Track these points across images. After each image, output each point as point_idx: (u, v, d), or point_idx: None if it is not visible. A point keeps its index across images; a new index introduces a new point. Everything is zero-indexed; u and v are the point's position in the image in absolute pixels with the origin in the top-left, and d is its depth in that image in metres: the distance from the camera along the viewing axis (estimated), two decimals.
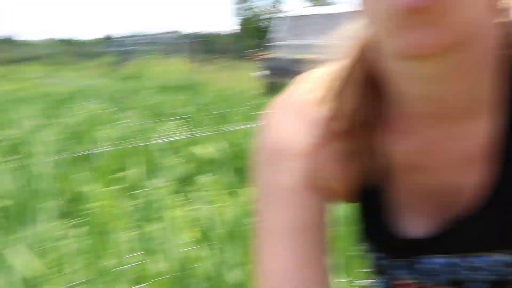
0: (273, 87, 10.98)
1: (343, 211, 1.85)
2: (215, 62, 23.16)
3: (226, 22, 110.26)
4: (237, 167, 3.95)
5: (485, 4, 0.47)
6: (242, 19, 46.43)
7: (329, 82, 0.59)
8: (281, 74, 10.76)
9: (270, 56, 11.90)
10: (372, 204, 0.60)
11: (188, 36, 24.60)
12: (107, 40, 34.91)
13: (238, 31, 45.03)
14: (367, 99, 0.57)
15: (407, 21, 0.43)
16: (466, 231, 0.55)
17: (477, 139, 0.53)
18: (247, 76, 14.63)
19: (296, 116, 0.60)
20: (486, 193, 0.53)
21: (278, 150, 0.60)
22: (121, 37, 28.07)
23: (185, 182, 3.88)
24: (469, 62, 0.50)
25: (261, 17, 46.17)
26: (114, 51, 23.63)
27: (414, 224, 0.58)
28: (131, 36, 26.75)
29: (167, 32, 28.47)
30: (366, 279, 0.74)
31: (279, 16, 15.66)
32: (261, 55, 14.01)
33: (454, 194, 0.56)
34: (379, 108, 0.58)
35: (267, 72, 10.97)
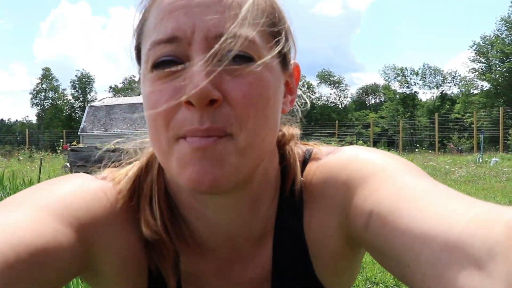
0: None
1: None
2: (16, 154, 21.50)
3: (28, 111, 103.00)
4: None
5: (270, 147, 0.53)
6: (44, 109, 43.68)
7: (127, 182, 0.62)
8: (85, 165, 10.67)
9: (74, 146, 11.77)
10: None
11: None
12: None
13: (42, 121, 42.42)
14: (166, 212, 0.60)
15: (191, 157, 0.45)
16: None
17: (260, 261, 0.61)
18: (53, 167, 14.07)
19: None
20: None
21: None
22: None
23: None
24: (250, 198, 0.55)
25: (64, 107, 44.00)
26: None
27: None
28: None
29: None
30: None
31: (85, 106, 15.78)
32: (67, 145, 13.62)
33: None
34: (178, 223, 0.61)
35: (73, 162, 10.74)
